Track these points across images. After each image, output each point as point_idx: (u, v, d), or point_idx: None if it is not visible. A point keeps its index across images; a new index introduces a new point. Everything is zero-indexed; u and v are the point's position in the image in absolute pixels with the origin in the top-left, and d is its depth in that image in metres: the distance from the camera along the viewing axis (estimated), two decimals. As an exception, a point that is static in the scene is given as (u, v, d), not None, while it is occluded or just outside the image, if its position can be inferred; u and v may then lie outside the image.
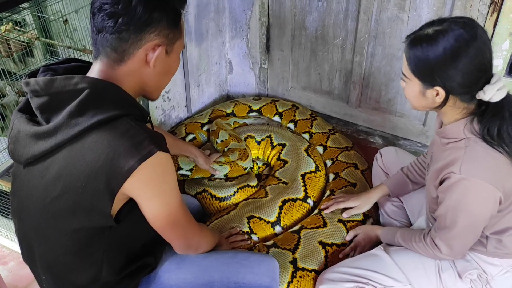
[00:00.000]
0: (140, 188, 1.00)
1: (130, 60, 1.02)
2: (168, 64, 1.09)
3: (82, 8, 1.80)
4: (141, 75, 1.06)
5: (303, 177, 1.98)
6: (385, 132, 2.38)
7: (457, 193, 1.23)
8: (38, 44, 2.05)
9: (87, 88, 0.98)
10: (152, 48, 1.03)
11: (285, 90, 2.60)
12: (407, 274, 1.40)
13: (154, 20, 1.00)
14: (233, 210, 1.80)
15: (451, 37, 1.14)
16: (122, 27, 0.98)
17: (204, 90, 2.56)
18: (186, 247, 1.18)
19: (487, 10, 1.84)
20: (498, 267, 1.37)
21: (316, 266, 1.60)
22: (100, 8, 0.98)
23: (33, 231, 1.09)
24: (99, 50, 1.02)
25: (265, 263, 1.30)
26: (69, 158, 0.98)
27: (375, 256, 1.48)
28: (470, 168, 1.20)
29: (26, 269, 1.73)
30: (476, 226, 1.28)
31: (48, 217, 1.04)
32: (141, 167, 0.96)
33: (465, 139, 1.24)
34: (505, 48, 1.88)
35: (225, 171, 1.96)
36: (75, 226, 1.03)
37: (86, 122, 0.96)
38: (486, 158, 1.21)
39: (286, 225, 1.82)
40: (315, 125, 2.33)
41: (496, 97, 1.17)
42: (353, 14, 2.17)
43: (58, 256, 1.09)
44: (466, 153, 1.21)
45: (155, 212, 1.06)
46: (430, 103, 1.25)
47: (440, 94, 1.21)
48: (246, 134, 2.22)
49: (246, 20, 2.48)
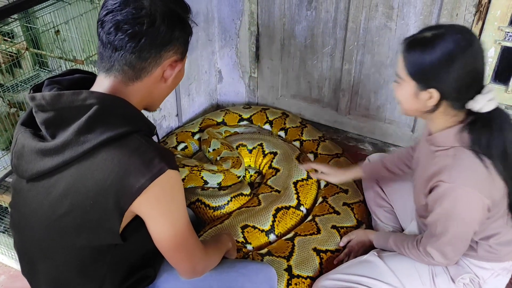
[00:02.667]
0: (149, 206, 0.98)
1: (146, 78, 1.02)
2: (178, 77, 1.10)
3: (72, 18, 1.79)
4: (154, 90, 1.06)
5: (295, 184, 1.99)
6: (375, 139, 2.41)
7: (447, 202, 1.24)
8: (27, 55, 2.03)
9: (95, 104, 0.96)
10: (170, 65, 1.04)
11: (275, 99, 2.62)
12: (401, 279, 1.41)
13: (173, 39, 1.01)
14: (226, 219, 1.80)
15: (449, 41, 1.16)
16: (144, 47, 0.98)
17: (194, 99, 2.56)
18: (191, 272, 1.13)
19: (473, 18, 1.89)
20: (489, 271, 1.39)
21: (311, 273, 1.61)
22: (118, 27, 0.96)
23: (36, 246, 1.07)
24: (113, 67, 1.00)
25: (263, 272, 1.30)
26: (78, 176, 0.96)
27: (369, 262, 1.49)
28: (460, 176, 1.21)
29: (17, 283, 1.71)
30: (467, 233, 1.29)
31: (54, 234, 1.02)
32: (152, 185, 0.95)
33: (454, 147, 1.25)
34: (490, 55, 1.92)
35: (219, 180, 1.96)
36: (81, 244, 1.01)
37: (95, 139, 0.94)
38: (474, 167, 1.22)
39: (280, 233, 1.83)
40: (305, 133, 2.35)
41: (486, 108, 1.18)
42: (341, 23, 2.20)
43: (61, 272, 1.07)
44: (455, 161, 1.22)
45: (161, 231, 1.03)
46: (421, 106, 1.25)
47: (433, 97, 1.21)
48: (237, 142, 2.23)
49: (236, 30, 2.50)
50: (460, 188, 1.21)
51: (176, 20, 1.01)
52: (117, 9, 0.97)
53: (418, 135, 2.26)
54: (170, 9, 1.01)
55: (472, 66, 1.18)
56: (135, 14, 0.96)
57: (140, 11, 0.97)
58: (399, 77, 1.26)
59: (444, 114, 1.26)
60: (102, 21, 0.98)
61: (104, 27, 0.98)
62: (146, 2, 0.98)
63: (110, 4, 0.98)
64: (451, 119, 1.26)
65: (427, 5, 1.96)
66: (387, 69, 2.20)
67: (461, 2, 1.87)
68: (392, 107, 2.29)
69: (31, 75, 2.08)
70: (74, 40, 1.87)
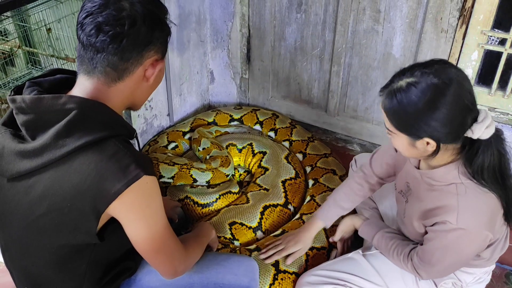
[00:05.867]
0: (125, 211, 1.00)
1: (128, 78, 1.04)
2: (159, 76, 1.11)
3: (65, 17, 1.82)
4: (135, 90, 1.07)
5: (283, 183, 2.02)
6: (363, 140, 2.45)
7: (450, 238, 1.22)
8: (20, 53, 2.06)
9: (75, 108, 0.97)
10: (151, 64, 1.06)
11: (265, 100, 2.66)
12: (384, 278, 1.44)
13: (154, 39, 1.03)
14: (215, 216, 1.83)
15: (426, 89, 1.10)
16: (126, 48, 0.99)
17: (186, 99, 2.59)
18: (172, 273, 1.14)
19: (457, 22, 1.94)
20: (472, 275, 1.42)
21: (297, 269, 1.63)
22: (100, 28, 0.97)
23: (16, 244, 1.09)
24: (95, 68, 1.00)
25: (244, 264, 1.33)
26: (55, 179, 0.97)
27: (353, 259, 1.51)
28: (467, 218, 1.18)
29: (6, 277, 1.71)
30: (462, 264, 1.31)
31: (32, 233, 1.04)
32: (127, 191, 0.96)
33: (459, 184, 1.20)
34: (474, 58, 1.97)
35: (208, 178, 1.99)
36: (59, 243, 1.03)
37: (73, 144, 0.95)
38: (480, 206, 1.19)
39: (267, 230, 1.86)
40: (294, 133, 2.39)
41: (485, 135, 1.13)
42: (330, 26, 2.25)
43: (41, 269, 1.09)
44: (461, 203, 1.18)
45: (138, 234, 1.04)
46: (422, 153, 1.20)
47: (430, 144, 1.15)
48: (227, 142, 2.26)
49: (227, 31, 2.53)
50: (467, 230, 1.19)
51: (155, 21, 1.03)
52: (97, 11, 0.97)
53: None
54: (149, 10, 1.02)
55: (458, 103, 1.11)
56: (116, 16, 0.97)
57: (121, 12, 0.98)
58: (389, 130, 1.21)
59: (446, 151, 1.20)
60: (81, 24, 0.99)
61: (85, 29, 0.98)
62: (126, 4, 0.99)
63: (89, 7, 0.98)
64: (450, 153, 1.21)
65: (413, 9, 2.01)
66: (374, 71, 2.24)
67: (445, 7, 1.92)
68: (379, 108, 2.32)
69: (24, 73, 2.10)
70: (66, 38, 1.90)
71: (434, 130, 1.12)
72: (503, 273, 1.81)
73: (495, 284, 1.76)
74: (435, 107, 1.09)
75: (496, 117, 2.04)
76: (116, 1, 0.99)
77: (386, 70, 2.20)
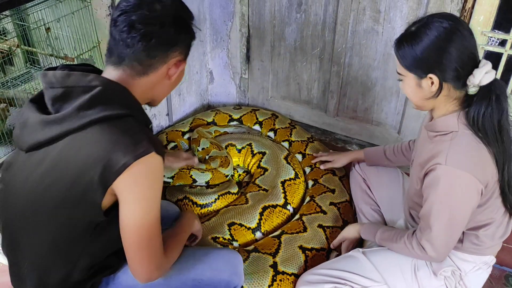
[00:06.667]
0: (128, 186, 1.03)
1: (152, 73, 1.13)
2: (180, 76, 1.21)
3: (64, 16, 1.81)
4: (157, 86, 1.16)
5: (283, 184, 2.01)
6: (362, 141, 2.45)
7: (442, 186, 1.27)
8: (19, 53, 2.05)
9: (99, 85, 1.05)
10: (175, 64, 1.15)
11: (265, 100, 2.65)
12: (382, 274, 1.44)
13: (180, 41, 1.13)
14: (214, 217, 1.82)
15: (433, 28, 1.23)
16: (154, 46, 1.08)
17: (185, 99, 2.59)
18: (147, 277, 1.12)
19: (457, 23, 1.93)
20: (471, 264, 1.43)
21: (296, 270, 1.63)
22: (132, 26, 1.06)
23: (19, 220, 1.12)
24: (123, 61, 1.10)
25: (224, 258, 1.32)
26: (70, 147, 1.04)
27: (352, 257, 1.52)
28: (455, 159, 1.25)
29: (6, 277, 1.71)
30: (458, 222, 1.31)
31: (38, 205, 1.07)
32: (135, 164, 1.01)
33: (454, 132, 1.29)
34: (474, 59, 1.97)
35: (207, 178, 1.98)
36: (62, 218, 1.07)
37: (93, 115, 1.03)
38: (470, 150, 1.26)
39: (267, 231, 1.85)
40: (294, 134, 2.38)
41: (485, 80, 1.23)
42: (330, 26, 2.24)
43: (40, 248, 1.11)
44: (452, 145, 1.27)
45: (130, 218, 1.06)
46: (427, 93, 1.30)
47: (434, 81, 1.26)
48: (227, 142, 2.25)
49: (227, 31, 2.53)
50: (456, 171, 1.25)
51: (182, 24, 1.13)
52: (131, 10, 1.07)
53: (404, 136, 2.30)
54: (178, 14, 1.13)
55: (461, 45, 1.23)
56: (148, 16, 1.07)
57: (153, 13, 1.08)
58: (400, 74, 1.33)
59: (447, 97, 1.30)
60: (115, 21, 1.08)
61: (118, 25, 1.07)
62: (158, 6, 1.09)
63: (124, 6, 1.09)
64: (454, 101, 1.31)
65: (413, 10, 2.01)
66: (374, 71, 2.24)
67: (446, 7, 1.92)
68: (379, 109, 2.33)
69: (22, 72, 2.10)
70: (65, 38, 1.89)
71: (438, 66, 1.24)
72: (502, 274, 1.81)
73: (494, 285, 1.76)
74: (441, 44, 1.22)
75: (496, 118, 2.04)
76: (149, 2, 1.09)
77: (386, 71, 2.20)
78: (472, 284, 1.44)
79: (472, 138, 1.27)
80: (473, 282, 1.44)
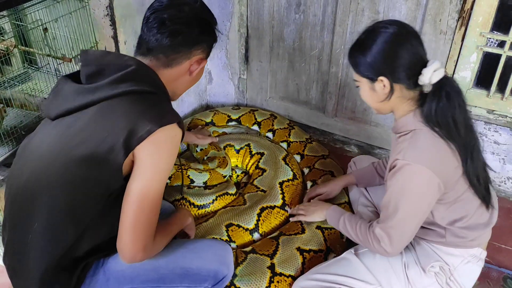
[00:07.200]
0: (147, 153, 1.11)
1: (176, 67, 1.25)
2: (199, 74, 1.32)
3: (61, 16, 1.81)
4: (178, 80, 1.28)
5: (281, 185, 2.01)
6: (361, 141, 2.45)
7: (400, 179, 1.31)
8: (16, 52, 2.04)
9: (133, 65, 1.17)
10: (197, 61, 1.27)
11: (263, 100, 2.65)
12: (376, 276, 1.44)
13: (203, 40, 1.26)
14: (211, 218, 1.82)
15: (380, 34, 1.29)
16: (180, 43, 1.21)
17: (183, 100, 2.58)
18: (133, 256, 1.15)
19: (456, 24, 1.93)
20: (459, 257, 1.43)
21: (293, 271, 1.63)
22: (162, 23, 1.20)
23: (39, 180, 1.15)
24: (150, 53, 1.22)
25: (213, 248, 1.34)
26: (101, 112, 1.13)
27: (346, 260, 1.52)
28: (412, 154, 1.29)
29: (5, 278, 1.70)
30: (415, 214, 1.33)
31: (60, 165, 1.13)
32: (158, 131, 1.10)
33: (413, 131, 1.33)
34: (472, 60, 1.97)
35: (205, 179, 1.98)
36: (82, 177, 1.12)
37: (125, 88, 1.14)
38: (427, 145, 1.30)
39: (264, 232, 1.85)
40: (292, 134, 2.38)
41: (434, 78, 1.27)
42: (329, 27, 2.24)
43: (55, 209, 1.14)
44: (410, 142, 1.31)
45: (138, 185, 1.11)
46: (381, 96, 1.34)
47: (385, 83, 1.31)
48: (225, 143, 2.25)
49: (226, 31, 2.52)
50: (412, 165, 1.28)
51: (206, 26, 1.27)
52: (162, 9, 1.21)
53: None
54: (203, 17, 1.26)
55: (407, 47, 1.28)
56: (177, 15, 1.21)
57: (182, 13, 1.21)
58: (356, 81, 1.39)
59: (401, 98, 1.34)
60: (147, 18, 1.22)
61: (150, 22, 1.21)
62: (187, 8, 1.23)
63: (157, 5, 1.23)
64: (410, 102, 1.35)
65: (412, 10, 2.00)
66: (373, 72, 2.23)
67: (444, 8, 1.91)
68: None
69: (19, 73, 2.09)
70: (63, 38, 1.89)
71: (386, 68, 1.29)
72: (500, 276, 1.80)
73: (492, 287, 1.76)
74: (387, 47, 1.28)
75: (494, 119, 2.03)
76: (179, 4, 1.22)
77: (385, 72, 2.20)
78: (463, 279, 1.44)
79: (429, 134, 1.30)
80: (464, 276, 1.44)
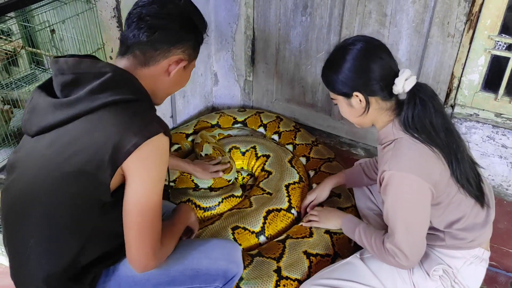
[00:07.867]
0: (137, 166, 1.07)
1: (153, 66, 1.18)
2: (182, 77, 1.25)
3: (69, 18, 1.81)
4: (157, 81, 1.21)
5: (287, 187, 2.00)
6: (367, 144, 2.44)
7: (391, 191, 1.31)
8: (24, 54, 2.05)
9: (109, 72, 1.11)
10: (176, 61, 1.20)
11: (269, 102, 2.64)
12: (382, 280, 1.43)
13: (184, 39, 1.19)
14: (217, 220, 1.81)
15: (349, 51, 1.32)
16: (157, 39, 1.15)
17: (189, 101, 2.58)
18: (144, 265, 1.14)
19: (464, 27, 1.92)
20: (461, 259, 1.42)
21: (300, 275, 1.61)
22: (141, 18, 1.15)
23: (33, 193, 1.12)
24: (128, 50, 1.17)
25: (220, 247, 1.34)
26: (85, 128, 1.08)
27: (351, 264, 1.50)
28: (397, 163, 1.29)
29: (6, 280, 1.71)
30: (416, 223, 1.32)
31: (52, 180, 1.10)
32: (145, 144, 1.06)
33: (395, 140, 1.34)
34: (480, 63, 1.95)
35: (209, 184, 1.97)
36: (73, 192, 1.09)
37: (105, 99, 1.08)
38: (410, 153, 1.30)
39: (270, 235, 1.84)
40: (298, 137, 2.37)
41: (407, 86, 1.29)
42: (335, 29, 2.23)
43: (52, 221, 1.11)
44: (393, 151, 1.32)
45: (134, 197, 1.09)
46: (359, 110, 1.37)
47: (360, 98, 1.34)
48: (231, 145, 2.24)
49: (232, 33, 2.52)
50: (397, 174, 1.28)
51: (190, 26, 1.20)
52: (144, 5, 1.16)
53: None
54: (188, 16, 1.19)
55: (376, 60, 1.31)
56: (158, 11, 1.15)
57: (162, 9, 1.15)
58: (333, 99, 1.41)
59: (379, 110, 1.37)
60: (130, 13, 1.18)
61: (129, 18, 1.16)
62: (170, 5, 1.17)
63: (141, 1, 1.18)
64: (388, 112, 1.37)
65: (419, 13, 1.99)
66: (380, 75, 2.22)
67: (452, 11, 1.90)
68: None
69: (27, 74, 2.10)
70: (70, 39, 1.89)
71: (358, 83, 1.32)
72: (508, 281, 1.79)
73: (500, 292, 1.74)
74: (357, 65, 1.30)
75: (502, 122, 2.02)
76: (164, 1, 1.17)
77: (392, 74, 2.19)
78: (468, 281, 1.43)
79: (410, 141, 1.31)
80: (469, 278, 1.43)
